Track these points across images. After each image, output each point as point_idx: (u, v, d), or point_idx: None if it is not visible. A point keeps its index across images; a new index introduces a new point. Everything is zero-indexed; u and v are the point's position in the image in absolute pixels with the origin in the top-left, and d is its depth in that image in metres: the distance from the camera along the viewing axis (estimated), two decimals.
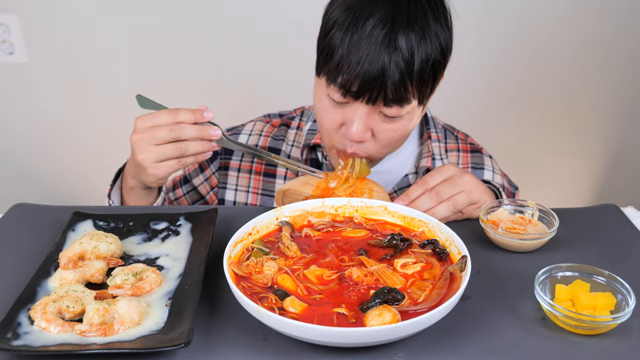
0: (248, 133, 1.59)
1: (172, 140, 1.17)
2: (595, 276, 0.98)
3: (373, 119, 1.26)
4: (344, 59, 1.18)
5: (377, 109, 1.24)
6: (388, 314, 0.87)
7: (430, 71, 1.21)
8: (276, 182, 1.55)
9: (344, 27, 1.19)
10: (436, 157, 1.50)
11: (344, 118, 1.27)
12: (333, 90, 1.23)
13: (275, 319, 0.84)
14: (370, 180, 1.33)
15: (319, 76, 1.28)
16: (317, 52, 1.28)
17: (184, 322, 0.88)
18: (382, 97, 1.20)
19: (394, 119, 1.26)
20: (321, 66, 1.25)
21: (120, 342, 0.86)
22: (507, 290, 1.02)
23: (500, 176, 1.56)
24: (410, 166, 1.52)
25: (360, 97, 1.21)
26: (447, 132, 1.59)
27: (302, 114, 1.61)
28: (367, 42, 1.17)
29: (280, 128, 1.59)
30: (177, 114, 1.18)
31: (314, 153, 1.52)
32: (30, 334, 0.88)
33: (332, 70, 1.21)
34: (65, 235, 1.13)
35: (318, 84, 1.30)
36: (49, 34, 2.36)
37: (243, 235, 1.06)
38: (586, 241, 1.16)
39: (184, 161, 1.20)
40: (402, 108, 1.23)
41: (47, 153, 2.57)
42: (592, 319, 0.89)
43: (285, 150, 1.55)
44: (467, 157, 1.55)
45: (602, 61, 2.46)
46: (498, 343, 0.89)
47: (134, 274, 1.00)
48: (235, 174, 1.56)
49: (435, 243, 1.05)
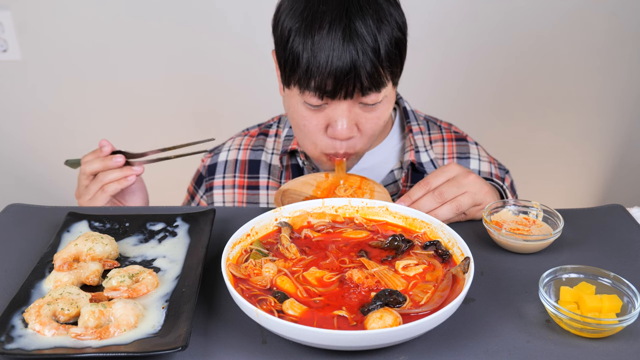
0: (227, 149, 1.63)
1: (99, 188, 1.37)
2: (601, 278, 0.98)
3: (355, 113, 1.28)
4: (312, 62, 1.20)
5: (357, 101, 1.26)
6: (389, 317, 0.87)
7: (396, 49, 1.25)
8: (260, 193, 1.58)
9: (302, 32, 1.21)
10: (420, 150, 1.51)
11: (327, 119, 1.29)
12: (309, 96, 1.25)
13: (274, 322, 0.84)
14: (371, 181, 1.33)
15: (288, 87, 1.30)
16: (279, 65, 1.31)
17: (181, 325, 0.88)
18: (359, 87, 1.23)
19: (375, 106, 1.29)
20: (289, 77, 1.27)
21: (116, 345, 0.86)
22: (510, 292, 1.02)
23: (487, 163, 1.57)
24: (394, 162, 1.54)
25: (338, 95, 1.23)
26: (430, 122, 1.60)
27: (279, 120, 1.64)
28: (329, 39, 1.19)
29: (259, 137, 1.62)
30: (90, 168, 1.37)
31: (294, 158, 1.55)
32: (24, 337, 0.88)
33: (303, 77, 1.23)
34: (59, 236, 1.13)
35: (289, 95, 1.31)
36: (43, 31, 2.37)
37: (241, 237, 1.06)
38: (591, 242, 1.16)
39: (106, 189, 1.37)
40: (380, 93, 1.26)
41: (41, 152, 2.57)
42: (598, 322, 0.89)
43: (265, 160, 1.58)
44: (453, 147, 1.56)
45: (609, 59, 2.46)
46: (501, 346, 0.89)
47: (130, 276, 1.00)
48: (221, 192, 1.60)
49: (438, 244, 1.05)
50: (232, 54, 2.42)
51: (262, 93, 2.36)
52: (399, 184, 1.49)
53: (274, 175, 1.56)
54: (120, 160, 1.35)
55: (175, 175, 1.95)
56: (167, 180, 2.02)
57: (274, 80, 1.40)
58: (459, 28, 2.38)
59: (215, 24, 2.38)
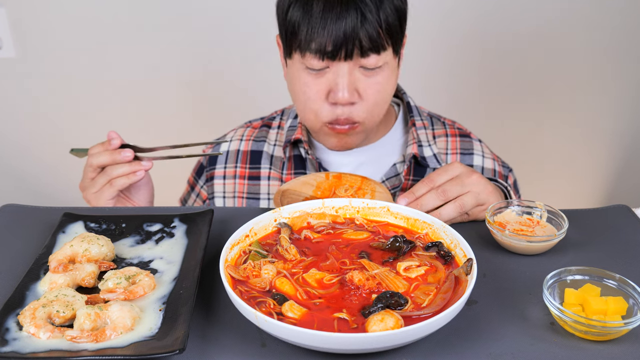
0: (229, 140, 1.65)
1: (107, 182, 1.35)
2: (606, 280, 0.98)
3: (355, 77, 1.34)
4: (312, 24, 1.28)
5: (357, 64, 1.32)
6: (391, 319, 0.87)
7: (395, 14, 1.32)
8: (260, 184, 1.59)
9: (302, 0, 1.30)
10: (423, 144, 1.54)
11: (328, 85, 1.35)
12: (310, 58, 1.32)
13: (273, 325, 0.84)
14: (372, 181, 1.33)
15: (290, 57, 1.37)
16: (282, 37, 1.39)
17: (179, 327, 0.88)
18: (358, 47, 1.29)
19: (375, 71, 1.34)
20: (291, 44, 1.34)
21: (112, 348, 0.86)
22: (514, 294, 1.02)
23: (490, 160, 1.59)
24: (397, 155, 1.56)
25: (338, 55, 1.29)
26: (434, 118, 1.63)
27: (282, 113, 1.66)
28: (329, 1, 1.27)
29: (262, 129, 1.65)
30: (97, 161, 1.35)
31: (297, 149, 1.57)
32: (18, 340, 0.88)
33: (304, 40, 1.30)
34: (55, 237, 1.13)
35: (291, 65, 1.39)
36: (37, 28, 2.36)
37: (240, 238, 1.06)
38: (597, 243, 1.16)
39: (114, 184, 1.35)
40: (380, 56, 1.32)
41: (36, 151, 2.57)
42: (603, 325, 0.89)
43: (267, 151, 1.60)
44: (456, 142, 1.58)
45: (615, 58, 2.46)
46: (505, 349, 0.89)
47: (126, 277, 1.00)
48: (222, 182, 1.61)
49: (440, 245, 1.05)
50: (233, 50, 2.42)
51: (264, 89, 2.37)
52: (402, 177, 1.51)
53: (275, 167, 1.57)
54: (129, 154, 1.33)
55: (176, 173, 1.95)
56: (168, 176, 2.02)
57: (276, 75, 1.42)
58: (467, 28, 2.39)
59: (215, 20, 2.38)
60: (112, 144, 1.34)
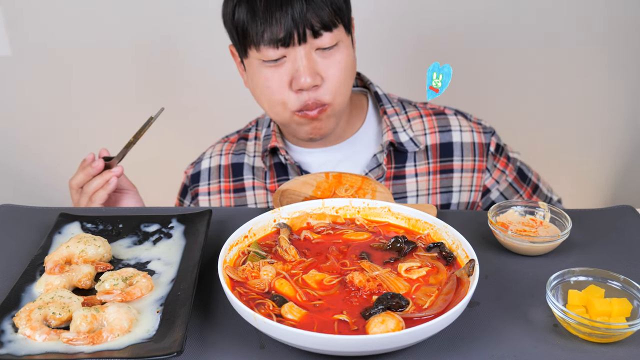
0: (209, 157, 1.67)
1: (87, 200, 1.42)
2: (610, 281, 0.98)
3: (314, 60, 1.38)
4: (260, 17, 1.34)
5: (312, 47, 1.37)
6: (391, 321, 0.86)
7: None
8: (246, 195, 1.61)
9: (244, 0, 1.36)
10: (398, 130, 1.56)
11: (288, 74, 1.38)
12: (265, 50, 1.36)
13: (272, 327, 0.84)
14: (372, 180, 1.33)
15: (246, 55, 1.42)
16: (234, 41, 1.44)
17: (176, 329, 0.88)
18: (310, 28, 1.34)
19: (331, 51, 1.38)
20: (245, 42, 1.39)
21: (109, 350, 0.86)
22: (517, 295, 1.02)
23: (469, 133, 1.59)
24: (375, 146, 1.59)
25: (291, 40, 1.34)
26: (404, 103, 1.64)
27: (257, 124, 1.68)
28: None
29: (239, 143, 1.67)
30: (74, 182, 1.42)
31: (276, 157, 1.59)
32: (14, 342, 0.88)
33: (256, 34, 1.35)
34: (51, 238, 1.13)
35: (250, 66, 1.43)
36: (34, 26, 2.36)
37: (239, 238, 1.06)
38: (600, 244, 1.16)
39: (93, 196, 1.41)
40: (332, 34, 1.37)
41: (32, 151, 2.57)
42: (607, 326, 0.89)
43: (248, 162, 1.62)
44: (432, 121, 1.60)
45: (618, 57, 2.45)
46: (507, 351, 0.89)
47: (123, 279, 1.00)
48: (207, 198, 1.64)
49: (442, 246, 1.05)
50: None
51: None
52: (384, 166, 1.53)
53: (258, 177, 1.59)
54: (98, 164, 1.39)
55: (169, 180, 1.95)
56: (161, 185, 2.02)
57: None
58: (464, 27, 2.38)
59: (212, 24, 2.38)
60: (86, 161, 1.41)
